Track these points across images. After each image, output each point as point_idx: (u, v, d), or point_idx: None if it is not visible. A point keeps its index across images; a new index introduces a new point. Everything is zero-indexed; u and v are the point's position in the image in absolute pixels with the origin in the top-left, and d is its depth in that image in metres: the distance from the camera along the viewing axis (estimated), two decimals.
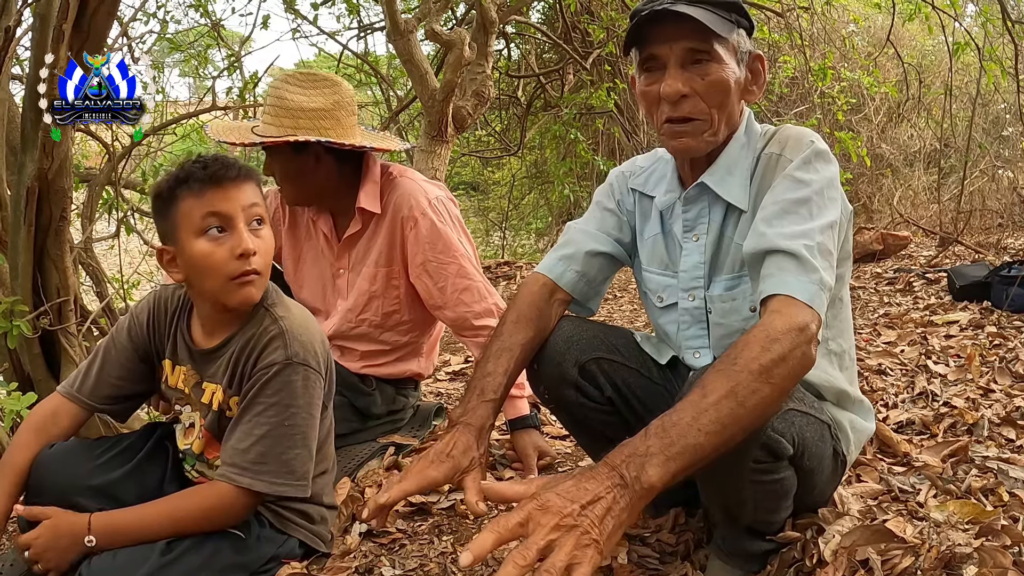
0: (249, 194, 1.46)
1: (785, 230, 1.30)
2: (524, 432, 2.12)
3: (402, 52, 4.60)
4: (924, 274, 4.59)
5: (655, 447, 1.07)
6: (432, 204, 2.10)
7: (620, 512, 1.04)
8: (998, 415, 2.13)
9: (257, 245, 1.45)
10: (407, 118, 7.97)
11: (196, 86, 9.41)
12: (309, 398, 1.48)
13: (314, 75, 2.07)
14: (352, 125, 2.08)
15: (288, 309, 1.54)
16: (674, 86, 1.36)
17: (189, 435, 1.62)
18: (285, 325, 1.49)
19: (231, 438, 1.46)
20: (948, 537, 1.38)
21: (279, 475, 1.45)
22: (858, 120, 7.75)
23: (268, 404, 1.45)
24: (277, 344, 1.47)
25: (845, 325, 1.54)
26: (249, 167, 1.48)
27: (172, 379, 1.61)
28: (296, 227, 2.29)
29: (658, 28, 1.36)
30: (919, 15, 5.56)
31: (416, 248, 2.09)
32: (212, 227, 1.43)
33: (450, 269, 2.09)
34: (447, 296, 2.10)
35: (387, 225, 2.13)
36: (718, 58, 1.37)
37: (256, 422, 1.44)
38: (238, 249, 1.42)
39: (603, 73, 7.05)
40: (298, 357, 1.47)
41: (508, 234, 10.78)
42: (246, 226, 1.44)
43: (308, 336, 1.50)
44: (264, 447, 1.44)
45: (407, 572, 1.66)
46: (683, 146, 1.42)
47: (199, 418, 1.59)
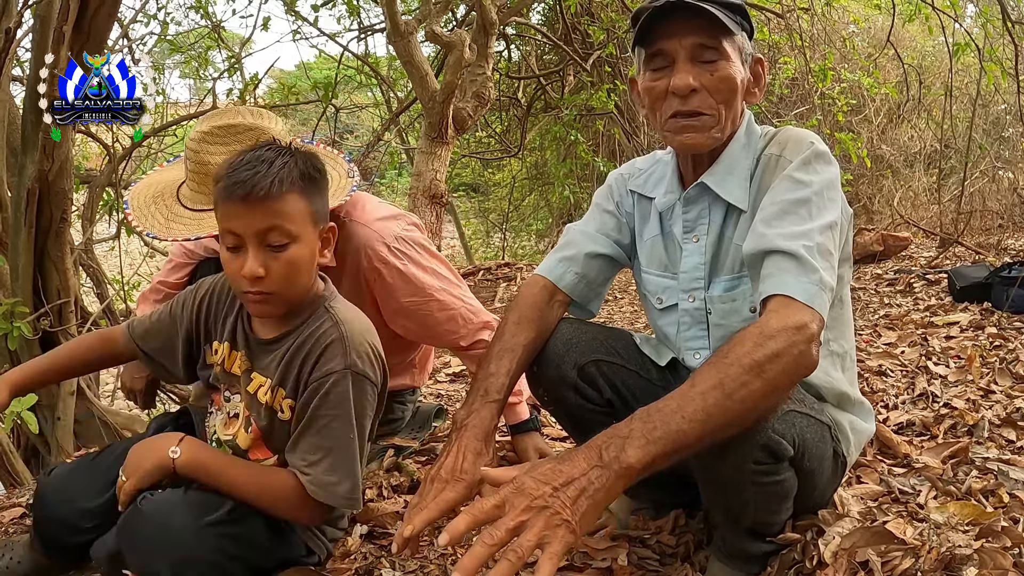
0: (268, 215, 1.32)
1: (784, 231, 1.30)
2: (525, 435, 2.12)
3: (402, 54, 4.60)
4: (924, 275, 4.59)
5: (637, 430, 1.10)
6: (391, 249, 1.92)
7: (595, 492, 1.06)
8: (998, 416, 2.13)
9: (269, 268, 1.34)
10: (407, 119, 7.97)
11: (197, 87, 9.42)
12: (364, 411, 1.44)
13: (235, 127, 1.75)
14: None
15: (348, 311, 1.48)
16: (685, 79, 1.36)
17: (231, 426, 1.54)
18: (345, 331, 1.43)
19: (297, 449, 1.42)
20: (948, 538, 1.38)
21: (347, 493, 1.42)
22: (858, 121, 7.75)
23: (332, 416, 1.40)
24: (337, 351, 1.41)
25: (846, 326, 1.54)
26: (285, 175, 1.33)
27: (228, 363, 1.53)
28: None
29: (666, 24, 1.36)
30: (919, 16, 5.57)
31: (387, 298, 1.97)
32: (228, 239, 1.36)
33: (428, 307, 1.99)
34: (431, 330, 2.04)
35: (348, 277, 1.94)
36: (726, 55, 1.38)
37: (323, 435, 1.40)
38: (244, 271, 1.34)
39: (603, 74, 7.06)
40: (356, 367, 1.41)
41: (508, 235, 10.80)
42: (260, 248, 1.33)
43: (367, 345, 1.45)
44: (334, 460, 1.40)
45: (407, 574, 1.66)
46: (690, 141, 1.42)
47: (244, 408, 1.52)
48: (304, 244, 1.37)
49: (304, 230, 1.37)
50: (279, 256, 1.34)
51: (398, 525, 1.85)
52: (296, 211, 1.35)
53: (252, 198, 1.30)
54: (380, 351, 1.49)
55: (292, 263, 1.36)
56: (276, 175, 1.32)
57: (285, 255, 1.35)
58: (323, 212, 1.43)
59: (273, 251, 1.34)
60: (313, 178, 1.39)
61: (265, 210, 1.31)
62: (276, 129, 1.80)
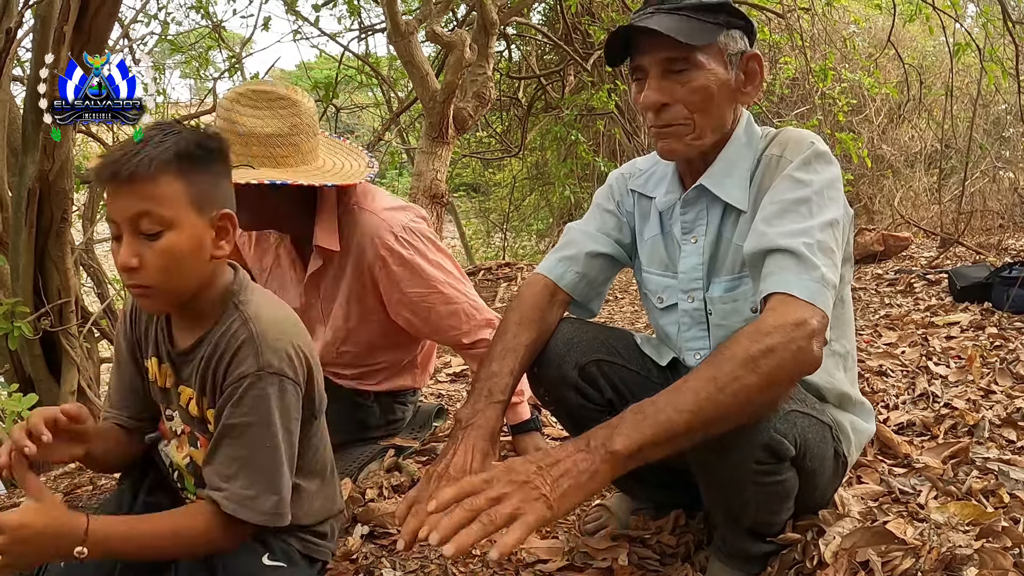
0: (137, 199, 1.19)
1: (784, 229, 1.30)
2: (526, 435, 2.13)
3: (403, 53, 4.60)
4: (925, 275, 4.59)
5: (627, 419, 1.14)
6: (398, 238, 1.92)
7: (579, 474, 1.10)
8: (999, 416, 2.13)
9: (144, 258, 1.21)
10: (408, 119, 7.98)
11: (197, 87, 9.43)
12: (287, 413, 1.30)
13: (268, 93, 1.81)
14: (312, 150, 1.89)
15: (260, 306, 1.33)
16: (651, 96, 1.39)
17: (182, 447, 1.43)
18: (256, 328, 1.29)
19: (213, 461, 1.30)
20: (948, 538, 1.38)
21: (270, 508, 1.29)
22: (859, 121, 7.75)
23: (247, 423, 1.27)
24: (247, 352, 1.27)
25: (847, 326, 1.54)
26: (157, 153, 1.19)
27: (160, 379, 1.43)
28: (262, 251, 2.14)
29: (640, 38, 1.39)
30: (920, 16, 5.56)
31: (391, 287, 1.95)
32: (111, 227, 1.23)
33: (431, 299, 1.97)
34: (433, 325, 2.01)
35: (352, 266, 1.96)
36: (699, 64, 1.37)
37: (238, 444, 1.28)
38: (118, 261, 1.21)
39: (604, 74, 7.06)
40: (271, 367, 1.27)
41: (509, 235, 10.80)
42: (134, 236, 1.21)
43: (283, 340, 1.30)
44: (252, 472, 1.27)
45: (408, 573, 1.66)
46: (668, 148, 1.44)
47: (183, 425, 1.43)
48: (183, 232, 1.22)
49: (182, 215, 1.22)
50: (153, 245, 1.21)
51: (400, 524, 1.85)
52: (171, 194, 1.21)
53: (119, 179, 1.18)
54: (302, 345, 1.34)
55: (168, 252, 1.21)
56: (146, 153, 1.18)
57: (160, 244, 1.21)
58: (211, 196, 1.27)
59: (147, 239, 1.21)
60: (195, 157, 1.23)
61: (133, 193, 1.19)
62: (306, 105, 1.84)
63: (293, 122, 1.81)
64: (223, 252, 1.30)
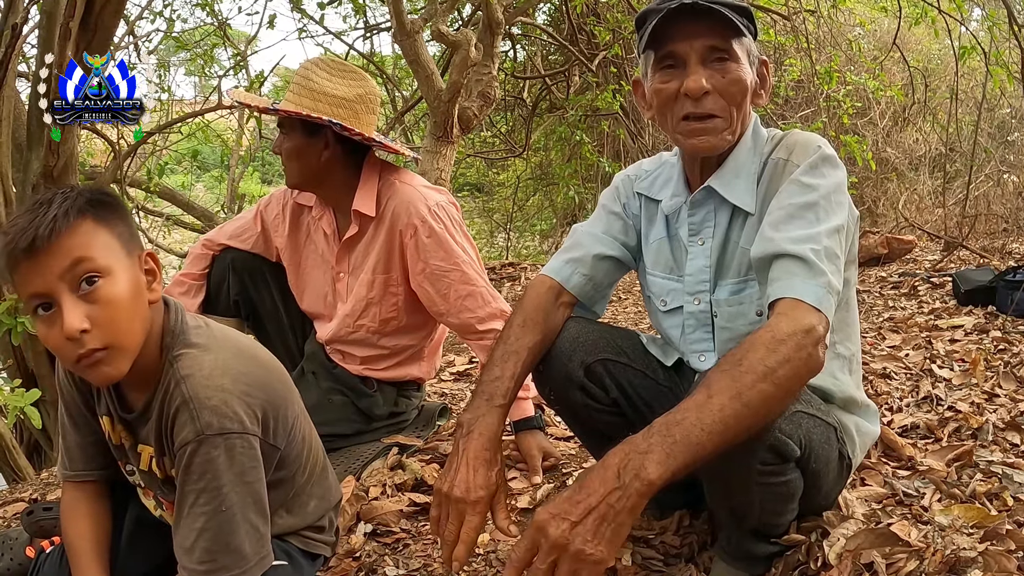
0: (65, 251, 1.14)
1: (792, 234, 1.30)
2: (529, 433, 2.12)
3: (408, 52, 4.60)
4: (929, 278, 4.58)
5: (656, 444, 1.09)
6: (432, 211, 2.06)
7: (617, 515, 1.07)
8: (1003, 419, 2.12)
9: (92, 316, 1.14)
10: (413, 119, 7.97)
11: (202, 85, 9.44)
12: (240, 468, 1.22)
13: (345, 65, 2.09)
14: (369, 123, 2.06)
15: (195, 359, 1.24)
16: (698, 81, 1.36)
17: (147, 497, 1.43)
18: (188, 390, 1.20)
19: (177, 535, 1.24)
20: (952, 541, 1.38)
21: (233, 568, 1.23)
22: (863, 124, 7.74)
23: (197, 491, 1.20)
24: (184, 418, 1.20)
25: (852, 329, 1.54)
26: (68, 205, 1.15)
27: (115, 436, 1.38)
28: (297, 231, 2.25)
29: (676, 26, 1.36)
30: (925, 19, 5.56)
31: (416, 256, 2.07)
32: (37, 307, 1.15)
33: (452, 276, 2.07)
34: (450, 303, 2.09)
35: (385, 231, 2.10)
36: (736, 57, 1.38)
37: (192, 515, 1.21)
38: (65, 331, 1.13)
39: (609, 75, 7.05)
40: (211, 428, 1.19)
41: (512, 235, 10.78)
42: (73, 293, 1.14)
43: (222, 394, 1.21)
44: (207, 543, 1.21)
45: (411, 572, 1.66)
46: (703, 144, 1.41)
47: (145, 486, 1.41)
48: (120, 276, 1.18)
49: (113, 260, 1.18)
50: (97, 298, 1.15)
51: (402, 523, 1.85)
52: (97, 240, 1.17)
53: (40, 242, 1.12)
54: (254, 383, 1.27)
55: (113, 302, 1.16)
56: (59, 207, 1.14)
57: (102, 294, 1.15)
58: (132, 236, 1.24)
59: (89, 294, 1.14)
60: (104, 203, 1.21)
61: (59, 250, 1.13)
62: (373, 84, 2.08)
63: (360, 92, 2.03)
64: (157, 295, 1.26)
